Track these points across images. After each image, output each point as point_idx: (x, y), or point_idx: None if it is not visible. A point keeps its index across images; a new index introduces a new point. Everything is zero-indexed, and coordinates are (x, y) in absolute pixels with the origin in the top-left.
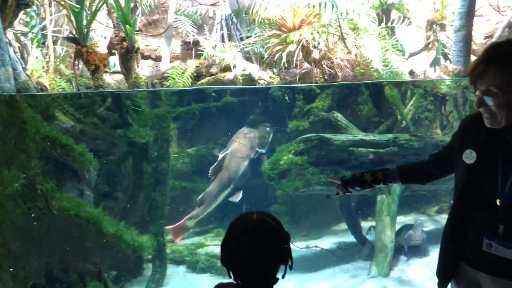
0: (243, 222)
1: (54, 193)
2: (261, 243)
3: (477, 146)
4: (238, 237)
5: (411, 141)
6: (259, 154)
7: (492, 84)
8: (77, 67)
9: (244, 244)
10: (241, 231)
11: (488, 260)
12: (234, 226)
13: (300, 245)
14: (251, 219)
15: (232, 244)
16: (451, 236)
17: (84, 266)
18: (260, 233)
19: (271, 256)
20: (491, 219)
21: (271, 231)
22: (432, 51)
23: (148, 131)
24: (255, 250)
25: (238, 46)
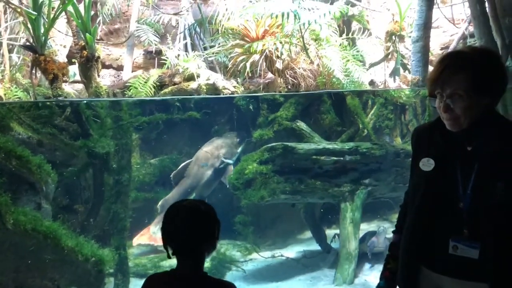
0: (176, 206)
1: (9, 207)
2: (192, 217)
3: (433, 153)
4: (172, 218)
5: (373, 149)
6: (225, 165)
7: (458, 88)
8: (35, 76)
9: (176, 222)
10: (174, 213)
11: (453, 263)
12: (169, 210)
13: (265, 255)
14: (182, 203)
15: (167, 225)
16: (412, 243)
17: (41, 282)
18: (192, 209)
19: (200, 230)
20: (455, 222)
21: (201, 210)
22: (391, 61)
23: (109, 141)
24: (187, 222)
25: (201, 55)
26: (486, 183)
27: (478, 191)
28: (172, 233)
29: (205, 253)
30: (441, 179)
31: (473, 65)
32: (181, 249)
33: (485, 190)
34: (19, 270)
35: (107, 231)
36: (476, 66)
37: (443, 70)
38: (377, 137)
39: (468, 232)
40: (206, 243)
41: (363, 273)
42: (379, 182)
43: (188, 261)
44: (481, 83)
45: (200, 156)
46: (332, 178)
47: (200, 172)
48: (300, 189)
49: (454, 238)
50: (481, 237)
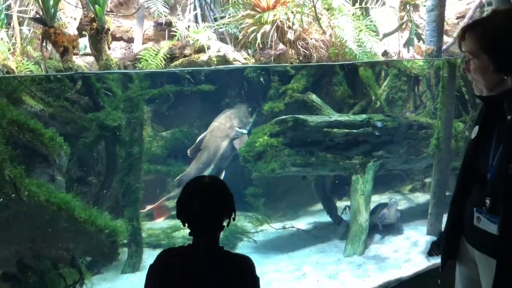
0: (196, 182)
1: (23, 179)
2: (210, 198)
3: (480, 121)
4: (192, 193)
5: (385, 122)
6: (240, 134)
7: (467, 50)
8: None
9: (196, 198)
10: (196, 188)
11: (478, 235)
12: (189, 185)
13: (276, 226)
14: (203, 179)
15: (187, 199)
16: (453, 212)
17: (56, 253)
18: (209, 190)
19: (218, 209)
20: (481, 193)
21: (218, 189)
22: (405, 31)
23: (120, 114)
24: (205, 203)
25: (212, 27)
26: (509, 155)
27: (500, 162)
28: (189, 211)
29: (222, 228)
30: (479, 148)
31: (483, 24)
32: (197, 226)
33: (506, 163)
34: (35, 240)
35: (120, 203)
36: (486, 25)
37: (459, 34)
38: (390, 109)
39: (490, 204)
40: (222, 219)
41: (374, 245)
42: (391, 154)
43: (204, 236)
44: (491, 41)
45: (214, 128)
46: (344, 150)
47: (216, 144)
48: (311, 161)
49: (478, 209)
50: (500, 212)
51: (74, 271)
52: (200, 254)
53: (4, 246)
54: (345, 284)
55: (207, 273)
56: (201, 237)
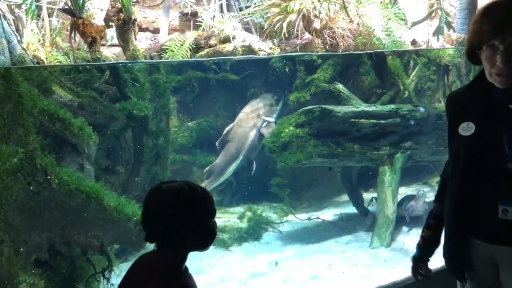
0: (155, 189)
1: (54, 167)
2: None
3: (473, 117)
4: (147, 202)
5: (414, 112)
6: (268, 123)
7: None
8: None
9: (150, 207)
10: (151, 197)
11: (505, 229)
12: (148, 193)
13: (301, 217)
14: (162, 186)
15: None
16: (458, 213)
17: (86, 240)
18: (166, 193)
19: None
20: (504, 184)
21: (177, 197)
22: (435, 19)
23: (147, 104)
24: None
25: (237, 16)
26: None
27: None
28: (145, 217)
29: (184, 247)
30: (484, 142)
31: None
32: (151, 237)
33: None
34: (65, 227)
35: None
36: None
37: (502, 18)
38: (419, 99)
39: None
40: (181, 235)
41: (401, 237)
42: (419, 146)
43: (163, 250)
44: None
45: (241, 119)
46: (371, 141)
47: (244, 134)
48: (337, 152)
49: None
50: None
51: (103, 258)
52: (147, 268)
53: (36, 233)
54: (371, 276)
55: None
56: (158, 250)
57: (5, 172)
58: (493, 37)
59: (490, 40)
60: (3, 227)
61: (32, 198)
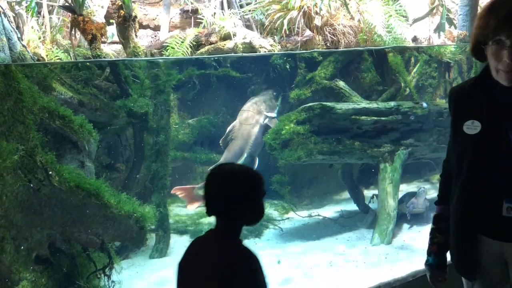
0: (217, 168)
1: (54, 164)
2: (227, 183)
3: (478, 114)
4: (211, 179)
5: (415, 109)
6: (269, 119)
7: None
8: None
9: (213, 183)
10: (214, 174)
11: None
12: (211, 170)
13: (302, 214)
14: (229, 165)
15: (206, 185)
16: (467, 212)
17: (86, 237)
18: (229, 175)
19: (232, 196)
20: (508, 184)
21: (239, 177)
22: (436, 16)
23: (148, 101)
24: (221, 187)
25: (238, 13)
26: None
27: None
28: (207, 193)
29: (241, 220)
30: (491, 140)
31: None
32: (210, 209)
33: None
34: (66, 224)
35: (148, 189)
36: None
37: (509, 12)
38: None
39: None
40: (236, 209)
41: (402, 234)
42: (420, 143)
43: (222, 223)
44: None
45: (243, 116)
46: (372, 138)
47: (247, 131)
48: (338, 149)
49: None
50: None
51: (104, 256)
52: (208, 240)
53: (37, 230)
54: (372, 273)
55: (207, 258)
56: (218, 223)
57: (5, 170)
58: (499, 32)
59: (496, 35)
60: (4, 224)
61: (33, 196)
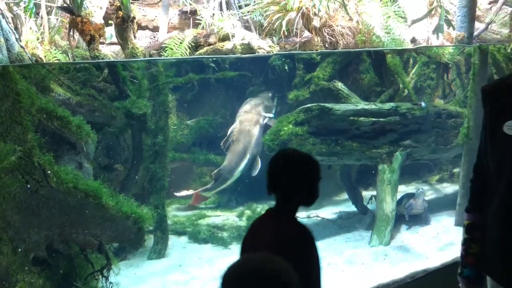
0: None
1: (52, 165)
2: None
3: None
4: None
5: (413, 110)
6: (268, 119)
7: None
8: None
9: (276, 165)
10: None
11: None
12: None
13: (301, 215)
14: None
15: (269, 166)
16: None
17: (84, 238)
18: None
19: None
20: None
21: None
22: (435, 17)
23: (146, 102)
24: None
25: (236, 14)
26: None
27: None
28: (271, 174)
29: (299, 200)
30: None
31: None
32: (273, 190)
33: None
34: (63, 225)
35: (146, 190)
36: None
37: None
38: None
39: None
40: (299, 190)
41: (400, 235)
42: (419, 144)
43: (280, 203)
44: None
45: (243, 117)
46: (370, 139)
47: (248, 132)
48: (336, 150)
49: None
50: None
51: (102, 257)
52: (268, 218)
53: (35, 231)
54: (371, 274)
55: (267, 234)
56: (276, 203)
57: (3, 171)
58: None
59: None
60: (1, 225)
61: (30, 197)
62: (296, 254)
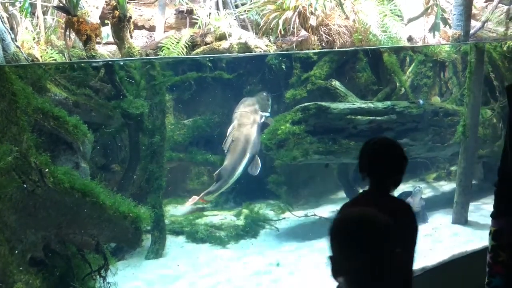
0: (383, 140)
1: (49, 166)
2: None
3: None
4: (373, 147)
5: (410, 108)
6: (265, 118)
7: None
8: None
9: (376, 152)
10: (375, 143)
11: None
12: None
13: (298, 214)
14: (385, 140)
15: (366, 151)
16: None
17: (81, 238)
18: (388, 146)
19: (399, 165)
20: None
21: (393, 147)
22: (431, 16)
23: (143, 102)
24: (393, 157)
25: (233, 13)
26: None
27: None
28: (369, 161)
29: (393, 182)
30: None
31: None
32: (372, 174)
33: None
34: (60, 226)
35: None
36: None
37: None
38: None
39: None
40: (395, 176)
41: None
42: (416, 142)
43: (375, 184)
44: None
45: (240, 117)
46: (367, 138)
47: (247, 132)
48: (333, 149)
49: None
50: None
51: (99, 257)
52: (366, 197)
53: (32, 232)
54: None
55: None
56: (372, 182)
57: None
58: None
59: None
60: None
61: (27, 197)
62: (412, 222)
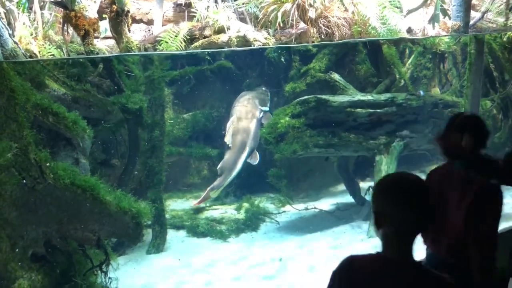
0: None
1: (48, 162)
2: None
3: None
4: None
5: (410, 100)
6: (264, 112)
7: None
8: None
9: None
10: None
11: None
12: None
13: (299, 207)
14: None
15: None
16: None
17: (82, 234)
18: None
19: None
20: None
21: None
22: (430, 7)
23: (142, 96)
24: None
25: (231, 6)
26: None
27: None
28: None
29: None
30: None
31: None
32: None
33: None
34: (61, 222)
35: (144, 185)
36: None
37: None
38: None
39: None
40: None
41: None
42: (416, 134)
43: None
44: None
45: (239, 111)
46: (367, 130)
47: (246, 126)
48: (333, 142)
49: None
50: None
51: (100, 252)
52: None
53: (32, 228)
54: None
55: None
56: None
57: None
58: None
59: None
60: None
61: (28, 193)
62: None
